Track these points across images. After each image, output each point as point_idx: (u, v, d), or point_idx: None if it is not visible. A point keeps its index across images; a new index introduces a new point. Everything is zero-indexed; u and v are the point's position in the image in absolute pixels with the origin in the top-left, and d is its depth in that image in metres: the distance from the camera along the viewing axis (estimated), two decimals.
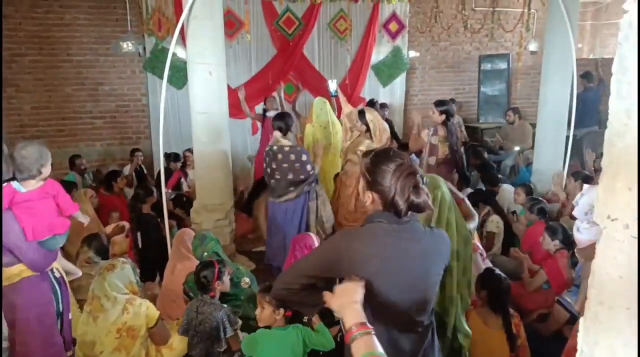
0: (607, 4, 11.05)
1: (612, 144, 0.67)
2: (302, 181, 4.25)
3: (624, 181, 0.67)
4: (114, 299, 2.77)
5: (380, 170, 1.64)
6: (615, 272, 0.70)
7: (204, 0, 3.99)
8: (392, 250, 1.64)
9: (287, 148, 4.21)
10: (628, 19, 0.65)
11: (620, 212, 0.69)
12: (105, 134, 7.41)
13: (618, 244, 0.69)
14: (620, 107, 0.67)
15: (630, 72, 0.65)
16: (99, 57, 7.14)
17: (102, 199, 5.26)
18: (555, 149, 5.81)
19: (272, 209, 4.39)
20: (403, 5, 8.06)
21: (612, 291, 0.70)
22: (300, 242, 3.67)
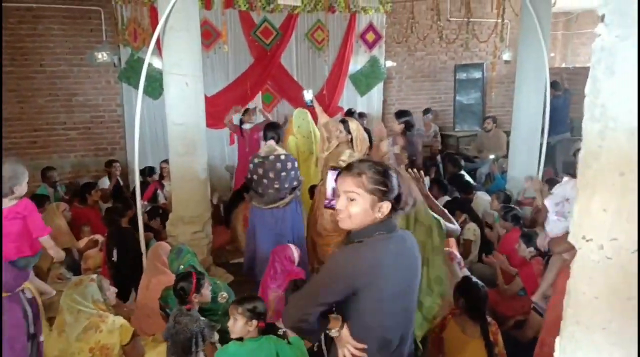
0: (577, 15, 11.35)
1: (587, 166, 0.68)
2: (295, 187, 4.32)
3: (600, 202, 0.68)
4: (75, 314, 2.71)
5: (391, 177, 1.69)
6: (591, 292, 0.70)
7: (181, 11, 3.96)
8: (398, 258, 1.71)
9: (284, 156, 4.25)
10: (600, 43, 0.66)
11: (596, 233, 0.69)
12: (80, 145, 7.27)
13: (593, 264, 0.69)
14: (593, 129, 0.67)
15: (602, 95, 0.66)
16: (73, 68, 7.02)
17: (75, 212, 5.16)
18: (529, 156, 5.91)
19: (261, 217, 4.34)
20: (379, 15, 8.14)
21: (588, 311, 0.71)
22: (280, 254, 3.64)
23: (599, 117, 0.67)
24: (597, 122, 0.67)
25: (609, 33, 0.65)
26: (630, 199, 0.65)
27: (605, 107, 0.66)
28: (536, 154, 5.85)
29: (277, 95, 7.74)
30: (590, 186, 0.69)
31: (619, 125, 0.65)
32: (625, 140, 0.64)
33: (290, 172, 4.25)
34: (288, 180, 4.25)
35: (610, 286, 0.68)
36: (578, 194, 0.71)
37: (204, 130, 4.39)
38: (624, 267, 0.66)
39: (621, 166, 0.65)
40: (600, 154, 0.67)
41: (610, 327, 0.68)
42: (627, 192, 0.65)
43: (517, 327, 3.68)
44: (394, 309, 1.71)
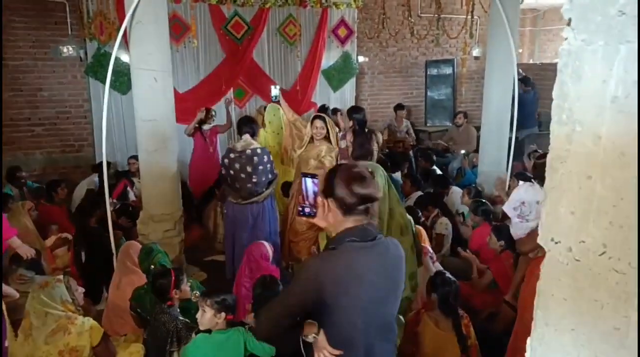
0: (544, 12, 11.59)
1: (554, 170, 0.69)
2: (272, 180, 4.35)
3: (567, 205, 0.69)
4: (43, 317, 2.63)
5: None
6: (560, 294, 0.71)
7: (148, 4, 3.86)
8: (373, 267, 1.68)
9: (260, 150, 4.24)
10: (567, 47, 0.67)
11: (564, 235, 0.70)
12: (46, 142, 7.07)
13: (562, 267, 0.70)
14: (561, 133, 0.68)
15: (569, 99, 0.66)
16: (38, 62, 6.80)
17: (42, 210, 5.02)
18: (499, 151, 6.00)
19: (239, 213, 4.30)
20: (351, 11, 8.13)
21: (557, 313, 0.72)
22: (255, 252, 3.61)
23: (566, 121, 0.67)
24: (564, 126, 0.67)
25: (575, 37, 0.66)
26: (597, 202, 0.66)
27: (572, 111, 0.67)
28: (505, 148, 5.95)
29: (250, 91, 7.67)
30: (557, 189, 0.69)
31: (585, 129, 0.66)
32: (592, 144, 0.65)
33: (266, 165, 4.25)
34: (264, 173, 4.24)
35: (578, 288, 0.69)
36: (546, 196, 0.72)
37: (174, 127, 4.31)
38: (592, 269, 0.67)
39: (588, 170, 0.66)
40: (567, 158, 0.68)
41: (578, 329, 0.69)
42: (594, 195, 0.66)
43: (489, 320, 3.75)
44: (367, 318, 1.69)
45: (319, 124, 4.46)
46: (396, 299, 1.79)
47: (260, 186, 4.27)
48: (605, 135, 0.63)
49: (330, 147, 4.46)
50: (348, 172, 1.68)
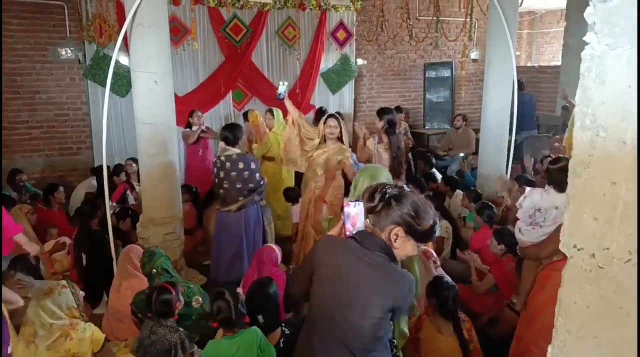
0: (541, 15, 11.64)
1: (577, 175, 0.68)
2: (252, 190, 4.22)
3: (591, 211, 0.68)
4: (48, 327, 2.60)
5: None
6: (583, 301, 0.70)
7: (149, 7, 3.85)
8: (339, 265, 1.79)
9: (235, 156, 4.20)
10: (590, 51, 0.66)
11: (587, 242, 0.69)
12: (44, 145, 7.03)
13: (585, 274, 0.69)
14: (584, 138, 0.67)
15: (593, 104, 0.65)
16: (35, 65, 6.77)
17: (40, 214, 4.98)
18: (498, 153, 6.00)
19: (222, 220, 4.31)
20: (350, 14, 8.14)
21: (580, 321, 0.71)
22: (265, 256, 3.60)
23: (590, 126, 0.66)
24: (588, 131, 0.67)
25: (599, 42, 0.65)
26: (622, 208, 0.65)
27: (595, 117, 0.66)
28: (505, 151, 5.96)
29: (249, 93, 7.66)
30: (580, 195, 0.69)
31: (609, 135, 0.65)
32: (617, 150, 0.64)
33: (242, 173, 4.19)
34: (240, 181, 4.19)
35: (602, 295, 0.68)
36: (568, 202, 0.71)
37: (174, 130, 4.29)
38: (616, 277, 0.66)
39: (613, 176, 0.65)
40: (591, 163, 0.67)
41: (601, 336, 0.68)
42: (619, 201, 0.65)
43: (490, 324, 3.74)
44: (322, 303, 1.84)
45: (333, 123, 4.38)
46: (360, 317, 1.74)
47: (234, 193, 4.23)
48: (630, 140, 0.62)
49: (343, 148, 4.40)
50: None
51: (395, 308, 1.72)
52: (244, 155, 4.28)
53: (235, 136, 4.32)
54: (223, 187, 4.24)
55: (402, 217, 1.69)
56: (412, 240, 1.73)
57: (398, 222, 1.70)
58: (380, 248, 1.73)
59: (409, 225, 1.69)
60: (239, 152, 4.30)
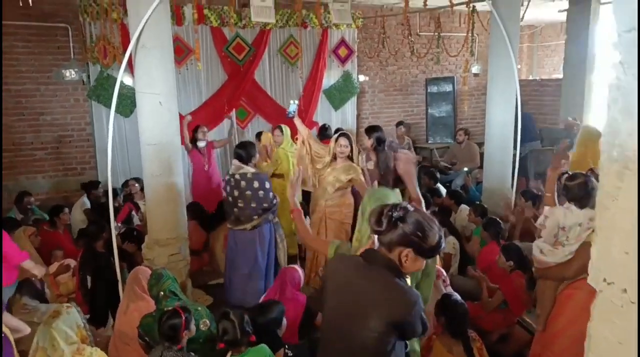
0: (541, 28, 11.69)
1: (605, 207, 0.67)
2: (265, 209, 4.19)
3: (620, 245, 0.66)
4: (61, 352, 2.57)
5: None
6: (614, 337, 0.68)
7: (153, 29, 3.87)
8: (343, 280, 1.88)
9: (250, 175, 4.16)
10: (616, 82, 0.65)
11: (617, 276, 0.67)
12: (48, 165, 7.05)
13: (616, 308, 0.67)
14: (611, 170, 0.66)
15: (621, 135, 0.64)
16: (40, 86, 6.82)
17: (44, 236, 4.96)
18: (503, 167, 5.99)
19: (235, 239, 4.26)
20: (351, 31, 8.20)
21: (610, 356, 0.68)
22: (289, 279, 3.56)
23: (617, 157, 0.65)
24: (615, 163, 0.65)
25: (625, 72, 0.64)
26: None
27: (623, 148, 0.65)
28: (510, 165, 5.94)
29: (251, 111, 7.69)
30: (609, 228, 0.67)
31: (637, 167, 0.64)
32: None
33: (257, 191, 4.14)
34: (254, 200, 4.14)
35: (634, 331, 0.65)
36: (596, 235, 0.70)
37: (179, 150, 4.29)
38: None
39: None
40: (619, 195, 0.65)
41: None
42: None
43: (500, 341, 3.69)
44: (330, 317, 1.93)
45: (343, 142, 4.39)
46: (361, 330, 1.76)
47: (248, 212, 4.17)
48: None
49: (353, 166, 4.38)
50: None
51: (398, 324, 1.72)
52: (258, 174, 4.23)
53: (249, 154, 4.29)
54: (237, 205, 4.16)
55: (410, 238, 1.73)
56: (421, 257, 1.78)
57: (406, 244, 1.74)
58: (384, 264, 1.78)
59: (417, 245, 1.74)
60: (253, 171, 4.25)
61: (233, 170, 4.22)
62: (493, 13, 5.38)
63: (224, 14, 7.04)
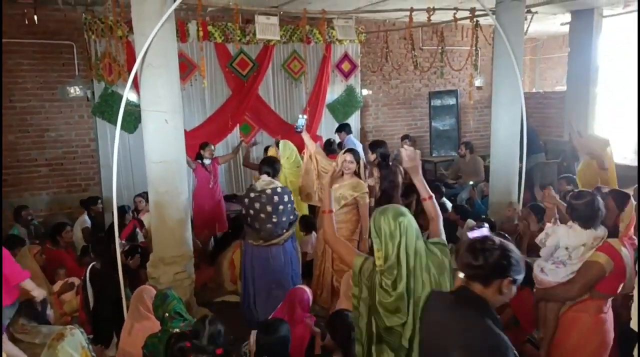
0: (543, 41, 11.74)
1: None
2: (293, 221, 4.26)
3: None
4: None
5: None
6: None
7: (158, 47, 3.89)
8: (433, 319, 1.93)
9: (280, 189, 4.16)
10: None
11: None
12: (52, 182, 7.04)
13: None
14: None
15: None
16: (45, 103, 6.84)
17: (48, 254, 4.93)
18: (508, 180, 5.95)
19: (260, 255, 4.20)
20: (354, 46, 8.24)
21: None
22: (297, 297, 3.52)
23: None
24: None
25: None
26: None
27: None
28: (516, 178, 5.91)
29: (256, 126, 7.70)
30: None
31: None
32: None
33: (287, 205, 4.16)
34: (285, 214, 4.15)
35: None
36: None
37: (184, 168, 4.29)
38: None
39: None
40: None
41: None
42: None
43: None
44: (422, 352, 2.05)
45: (348, 158, 4.36)
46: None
47: (281, 226, 4.16)
48: None
49: (360, 183, 4.35)
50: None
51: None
52: (285, 188, 4.25)
53: (275, 169, 4.32)
54: (271, 221, 4.09)
55: (510, 270, 1.74)
56: (514, 284, 1.79)
57: (504, 273, 1.74)
58: (475, 304, 1.76)
59: (513, 269, 1.74)
60: (281, 185, 4.26)
61: (263, 186, 4.15)
62: (497, 27, 5.39)
63: (228, 30, 7.08)
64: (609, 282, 2.85)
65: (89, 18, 6.43)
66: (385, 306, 2.19)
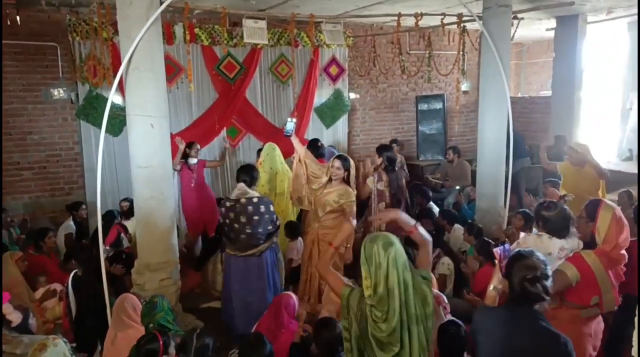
0: (528, 46, 11.87)
1: None
2: (271, 232, 4.11)
3: None
4: None
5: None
6: None
7: (145, 51, 3.84)
8: (497, 335, 2.25)
9: (256, 199, 4.04)
10: None
11: None
12: (35, 186, 6.91)
13: None
14: None
15: None
16: (27, 105, 6.71)
17: (30, 260, 4.83)
18: (495, 185, 5.98)
19: (236, 265, 4.12)
20: (342, 49, 8.23)
21: None
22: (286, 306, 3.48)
23: None
24: None
25: None
26: None
27: None
28: (502, 183, 5.93)
29: (243, 129, 7.64)
30: None
31: None
32: None
33: (263, 216, 4.03)
34: (262, 224, 4.04)
35: None
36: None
37: (170, 173, 4.23)
38: None
39: None
40: None
41: None
42: None
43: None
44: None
45: (336, 163, 4.29)
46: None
47: (256, 237, 4.06)
48: None
49: (348, 191, 4.26)
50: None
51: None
52: (262, 198, 4.12)
53: (253, 177, 4.20)
54: (245, 232, 4.00)
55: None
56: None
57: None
58: (535, 315, 2.19)
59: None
60: (258, 195, 4.14)
61: (238, 195, 4.07)
62: (484, 33, 5.42)
63: (215, 33, 7.02)
64: (578, 293, 2.92)
65: (73, 19, 6.33)
66: (379, 338, 2.18)
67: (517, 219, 4.90)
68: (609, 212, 3.03)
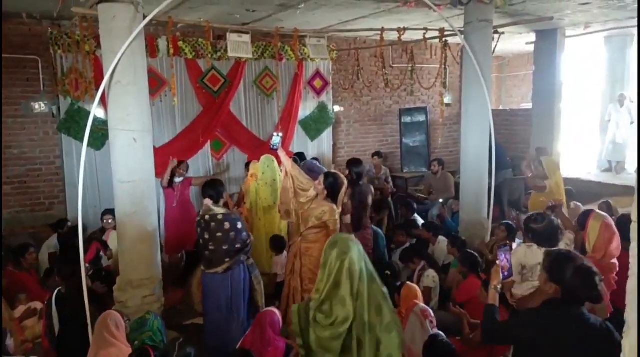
0: (509, 59, 12.08)
1: None
2: (238, 250, 4.01)
3: None
4: None
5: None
6: None
7: (128, 65, 3.82)
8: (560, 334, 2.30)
9: (220, 216, 3.96)
10: None
11: None
12: (14, 201, 6.78)
13: None
14: None
15: None
16: (7, 119, 6.60)
17: (9, 277, 4.72)
18: (478, 197, 6.03)
19: (208, 282, 4.07)
20: (326, 63, 8.30)
21: None
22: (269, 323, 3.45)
23: None
24: None
25: None
26: None
27: None
28: (485, 195, 5.99)
29: (227, 142, 7.62)
30: None
31: None
32: None
33: (228, 233, 3.91)
34: (226, 242, 3.92)
35: None
36: None
37: (153, 188, 4.18)
38: None
39: None
40: None
41: None
42: None
43: None
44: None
45: (319, 180, 4.24)
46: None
47: (219, 254, 3.97)
48: None
49: (333, 208, 4.18)
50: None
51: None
52: (228, 215, 4.02)
53: (219, 193, 4.11)
54: (208, 248, 3.95)
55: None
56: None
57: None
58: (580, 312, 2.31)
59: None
60: (224, 212, 4.05)
61: (203, 212, 4.02)
62: (466, 47, 5.50)
63: (199, 46, 7.02)
64: None
65: (55, 33, 6.28)
66: (321, 340, 2.21)
67: (500, 231, 4.94)
68: (598, 221, 3.11)
